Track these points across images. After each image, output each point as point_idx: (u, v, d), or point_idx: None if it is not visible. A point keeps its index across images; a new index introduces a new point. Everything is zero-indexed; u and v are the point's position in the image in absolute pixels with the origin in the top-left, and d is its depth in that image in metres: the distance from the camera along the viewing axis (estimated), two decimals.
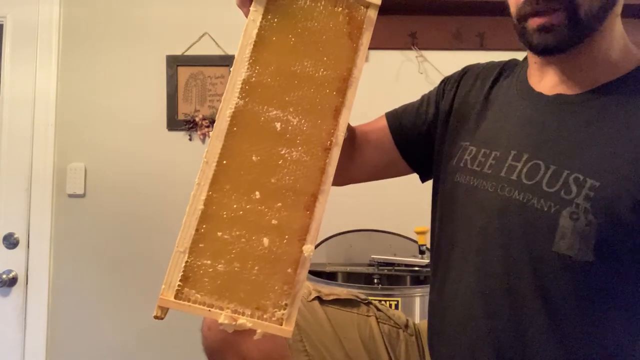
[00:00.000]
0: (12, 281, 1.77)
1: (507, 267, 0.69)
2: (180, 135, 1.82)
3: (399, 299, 1.35)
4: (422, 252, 1.56)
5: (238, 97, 0.64)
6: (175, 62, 1.81)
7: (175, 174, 1.81)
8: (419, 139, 0.89)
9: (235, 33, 1.96)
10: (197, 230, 0.61)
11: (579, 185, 0.64)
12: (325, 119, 0.65)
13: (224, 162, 0.63)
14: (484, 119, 0.80)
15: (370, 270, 1.58)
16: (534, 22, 0.69)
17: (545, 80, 0.75)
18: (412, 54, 1.79)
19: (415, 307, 1.36)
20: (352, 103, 0.67)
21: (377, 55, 1.81)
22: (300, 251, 0.60)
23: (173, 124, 1.82)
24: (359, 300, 0.92)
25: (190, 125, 1.80)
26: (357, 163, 0.91)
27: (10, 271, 1.78)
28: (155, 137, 1.82)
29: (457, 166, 0.79)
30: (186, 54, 1.82)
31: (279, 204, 0.61)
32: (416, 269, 1.56)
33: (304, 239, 0.61)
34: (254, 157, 0.63)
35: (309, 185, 0.63)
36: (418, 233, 1.57)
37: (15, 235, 1.79)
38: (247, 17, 0.68)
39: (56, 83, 1.82)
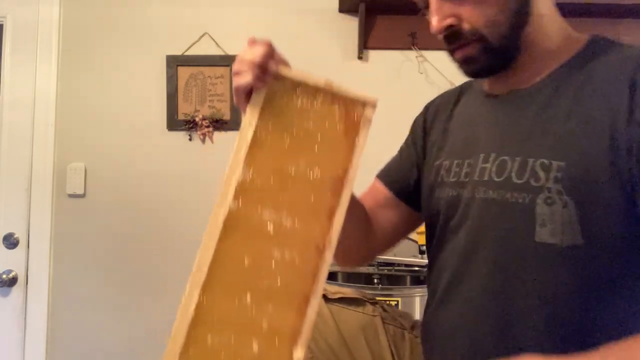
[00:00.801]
0: (12, 281, 1.77)
1: (495, 268, 0.69)
2: (180, 135, 1.82)
3: (398, 299, 1.35)
4: (422, 252, 1.56)
5: (232, 199, 0.63)
6: (175, 62, 1.81)
7: (175, 174, 1.81)
8: (416, 185, 0.90)
9: (235, 33, 1.96)
10: (187, 334, 0.60)
11: (546, 170, 0.65)
12: (319, 221, 0.65)
13: (216, 265, 0.61)
14: (451, 135, 0.83)
15: (370, 270, 1.58)
16: (457, 55, 0.73)
17: (499, 84, 0.77)
18: (412, 54, 1.79)
19: (415, 307, 1.36)
20: (347, 203, 0.67)
21: (377, 55, 1.82)
22: (290, 356, 0.60)
23: (173, 124, 1.81)
24: (365, 299, 0.92)
25: (190, 125, 1.80)
26: (376, 234, 0.91)
27: (10, 271, 1.78)
28: (155, 137, 1.82)
29: (435, 183, 0.81)
30: (186, 54, 1.82)
31: (270, 308, 0.61)
32: (416, 269, 1.56)
33: (294, 341, 0.60)
34: (246, 260, 0.62)
35: (301, 288, 0.62)
36: (418, 233, 1.57)
37: (15, 235, 1.79)
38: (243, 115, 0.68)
39: (56, 83, 1.82)
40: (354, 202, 0.84)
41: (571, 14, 0.73)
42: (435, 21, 0.70)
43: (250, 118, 0.67)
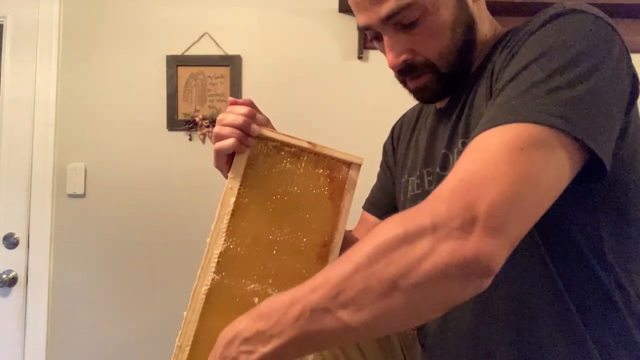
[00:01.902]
0: (12, 281, 1.77)
1: None
2: (180, 135, 1.82)
3: None
4: None
5: (214, 272, 0.61)
6: (175, 62, 1.81)
7: (175, 174, 1.81)
8: None
9: (235, 33, 1.96)
10: None
11: None
12: None
13: (198, 344, 0.59)
14: (411, 151, 0.86)
15: None
16: (410, 85, 0.75)
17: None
18: None
19: None
20: None
21: (377, 55, 1.81)
22: None
23: (173, 124, 1.81)
24: None
25: (190, 125, 1.80)
26: None
27: (10, 271, 1.78)
28: (155, 137, 1.82)
29: (405, 199, 0.83)
30: (186, 54, 1.82)
31: None
32: None
33: None
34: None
35: None
36: None
37: (15, 235, 1.79)
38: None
39: (56, 83, 1.82)
40: (352, 243, 0.85)
41: None
42: (392, 57, 0.72)
43: (232, 183, 0.65)
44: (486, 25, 0.75)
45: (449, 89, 0.75)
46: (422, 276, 0.48)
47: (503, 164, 0.50)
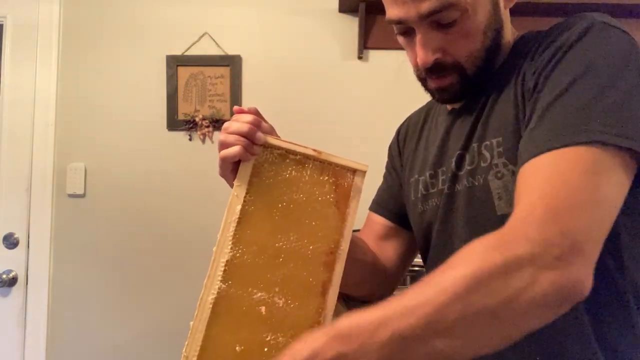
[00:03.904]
0: (12, 281, 1.77)
1: None
2: (180, 135, 1.82)
3: None
4: None
5: (221, 281, 0.61)
6: (175, 62, 1.81)
7: (175, 174, 1.81)
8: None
9: (235, 33, 1.96)
10: None
11: (490, 149, 0.69)
12: (313, 298, 0.63)
13: (205, 354, 0.58)
14: (421, 152, 0.86)
15: None
16: (431, 84, 0.75)
17: None
18: None
19: None
20: (340, 278, 0.65)
21: (377, 55, 1.82)
22: None
23: (173, 124, 1.82)
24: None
25: (190, 125, 1.80)
26: (386, 265, 0.91)
27: (10, 271, 1.78)
28: (155, 137, 1.82)
29: (417, 198, 0.83)
30: (186, 54, 1.82)
31: None
32: (416, 269, 1.56)
33: None
34: (237, 347, 0.59)
35: None
36: None
37: (15, 235, 1.79)
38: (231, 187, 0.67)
39: (56, 83, 1.82)
40: (360, 246, 0.86)
41: (572, 14, 0.74)
42: (423, 55, 0.72)
43: (238, 191, 0.65)
44: (508, 31, 0.76)
45: (469, 91, 0.75)
46: (523, 307, 0.50)
47: (585, 190, 0.54)
